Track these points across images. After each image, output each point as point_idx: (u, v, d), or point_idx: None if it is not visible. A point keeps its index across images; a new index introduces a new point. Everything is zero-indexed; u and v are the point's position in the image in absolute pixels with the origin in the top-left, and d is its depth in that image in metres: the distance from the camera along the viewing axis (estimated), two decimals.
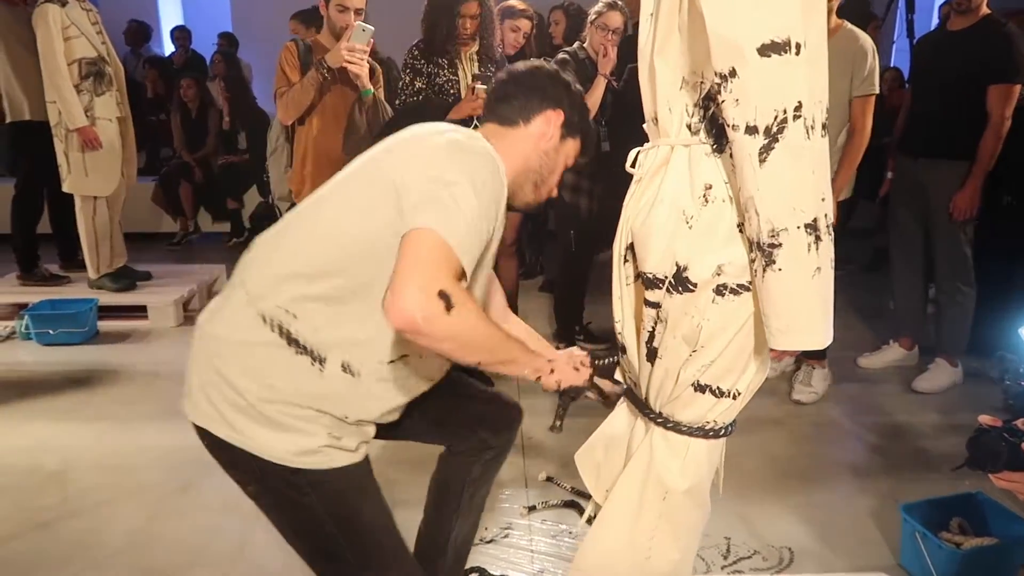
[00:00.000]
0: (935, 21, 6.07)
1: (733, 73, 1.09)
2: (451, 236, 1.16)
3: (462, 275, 1.18)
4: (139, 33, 7.21)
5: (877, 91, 2.98)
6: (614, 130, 3.54)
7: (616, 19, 3.33)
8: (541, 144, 1.45)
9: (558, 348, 3.70)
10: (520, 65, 1.52)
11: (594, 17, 3.36)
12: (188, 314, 4.34)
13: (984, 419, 1.75)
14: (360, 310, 1.25)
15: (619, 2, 3.42)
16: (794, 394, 3.19)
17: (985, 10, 3.10)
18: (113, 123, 4.00)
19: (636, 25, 3.98)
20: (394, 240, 1.19)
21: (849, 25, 2.99)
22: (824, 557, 2.22)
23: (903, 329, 3.57)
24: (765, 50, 1.07)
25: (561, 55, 3.43)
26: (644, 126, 1.38)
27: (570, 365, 1.42)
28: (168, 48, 7.58)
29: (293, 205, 3.16)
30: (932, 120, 3.14)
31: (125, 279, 4.26)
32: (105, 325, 4.07)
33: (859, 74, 2.93)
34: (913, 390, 3.32)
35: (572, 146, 1.50)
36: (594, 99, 3.32)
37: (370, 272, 1.23)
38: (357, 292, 1.25)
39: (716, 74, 1.12)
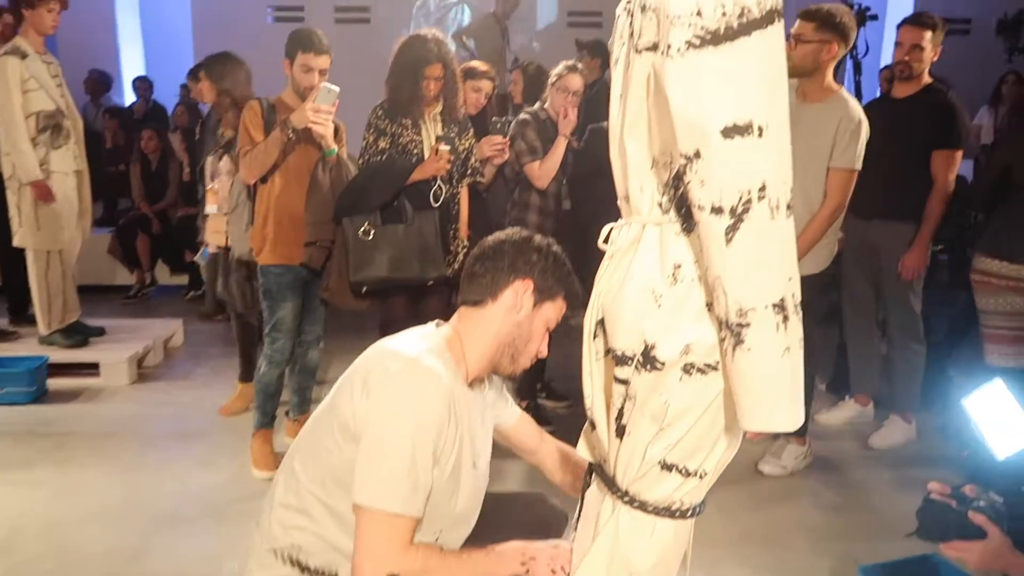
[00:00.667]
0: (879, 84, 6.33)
1: (698, 155, 1.11)
2: (394, 504, 1.34)
3: (416, 523, 1.37)
4: (99, 83, 7.17)
5: (857, 167, 2.89)
6: (575, 189, 3.61)
7: (576, 82, 3.41)
8: (511, 317, 1.49)
9: (520, 404, 3.67)
10: (488, 240, 1.56)
11: (555, 79, 3.44)
12: (142, 371, 4.24)
13: (933, 487, 1.77)
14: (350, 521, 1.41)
15: (578, 65, 3.51)
16: (761, 464, 3.15)
17: (927, 79, 3.25)
18: (70, 176, 3.95)
19: (591, 86, 4.11)
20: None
21: (844, 93, 2.94)
22: None
23: (858, 386, 3.63)
24: (728, 132, 1.09)
25: (523, 116, 3.50)
26: (617, 203, 1.41)
27: (548, 567, 1.45)
28: (129, 98, 7.54)
29: (252, 263, 3.14)
30: (882, 183, 3.25)
31: (77, 335, 4.16)
32: (55, 383, 3.95)
33: (840, 144, 2.86)
34: (869, 447, 3.37)
35: (552, 308, 1.53)
36: (555, 159, 3.38)
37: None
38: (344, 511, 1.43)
39: (682, 155, 1.14)
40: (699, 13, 1.09)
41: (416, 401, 1.38)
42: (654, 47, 1.17)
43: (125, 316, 5.12)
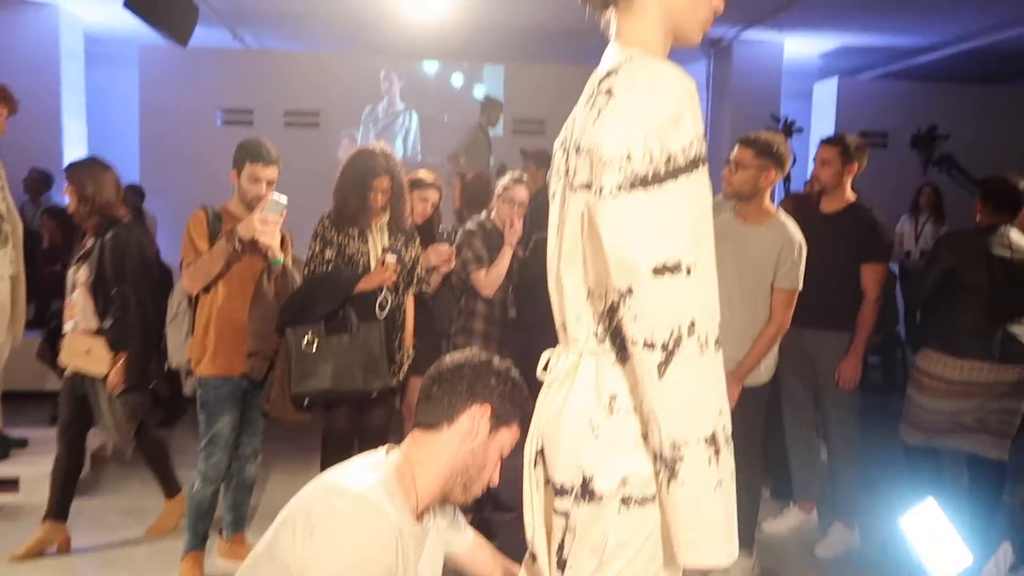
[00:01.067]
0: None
1: (630, 291, 1.16)
2: None
3: None
4: (40, 182, 7.06)
5: (799, 287, 3.00)
6: (520, 297, 3.65)
7: (521, 193, 3.51)
8: (467, 443, 1.46)
9: (467, 516, 3.59)
10: (447, 360, 1.54)
11: (501, 191, 3.54)
12: None
13: None
14: None
15: (524, 176, 3.62)
16: None
17: (851, 196, 3.44)
18: (4, 281, 3.84)
19: (536, 195, 4.23)
20: None
21: (782, 216, 3.07)
22: None
23: (801, 493, 3.66)
24: (659, 271, 1.15)
25: (470, 225, 3.57)
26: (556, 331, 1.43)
27: None
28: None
29: (190, 374, 3.06)
30: (816, 294, 3.37)
31: None
32: None
33: (783, 267, 2.96)
34: (815, 555, 3.37)
35: (508, 434, 1.51)
36: (500, 268, 3.44)
37: None
38: None
39: (615, 290, 1.19)
40: (629, 158, 1.16)
41: (362, 546, 1.32)
42: (588, 186, 1.23)
43: (52, 425, 4.86)
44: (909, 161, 7.42)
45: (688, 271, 1.15)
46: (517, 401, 1.50)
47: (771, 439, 3.74)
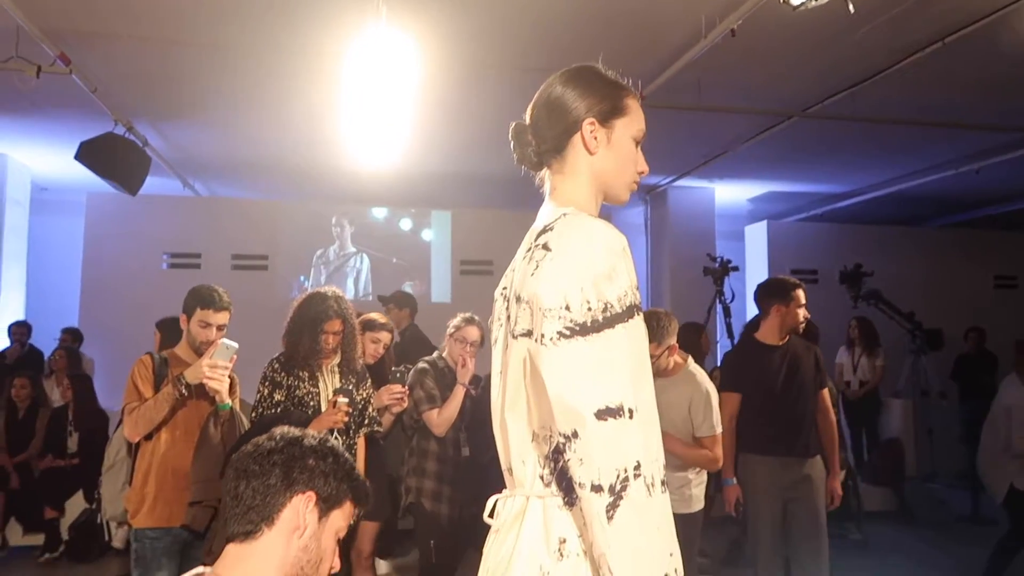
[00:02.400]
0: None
1: (575, 435, 1.19)
2: None
3: None
4: None
5: (719, 431, 3.16)
6: (473, 435, 3.61)
7: (474, 333, 3.55)
8: (295, 541, 1.28)
9: None
10: (247, 451, 1.33)
11: (453, 331, 3.58)
12: None
13: None
14: None
15: (475, 317, 3.68)
16: None
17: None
18: None
19: (402, 333, 4.32)
20: None
21: (691, 366, 3.22)
22: None
23: None
24: (602, 415, 1.18)
25: (421, 364, 3.57)
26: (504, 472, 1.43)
27: None
28: (3, 343, 7.21)
29: (127, 525, 2.89)
30: (800, 424, 3.47)
31: None
32: None
33: (697, 417, 3.13)
34: None
35: (340, 516, 1.35)
36: (453, 407, 3.42)
37: None
38: None
39: (560, 434, 1.21)
40: (568, 307, 1.22)
41: None
42: (528, 334, 1.28)
43: None
44: (839, 296, 7.80)
45: (630, 414, 1.19)
46: (342, 476, 1.33)
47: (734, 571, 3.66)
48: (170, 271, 8.09)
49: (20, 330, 6.93)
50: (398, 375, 3.43)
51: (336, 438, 2.96)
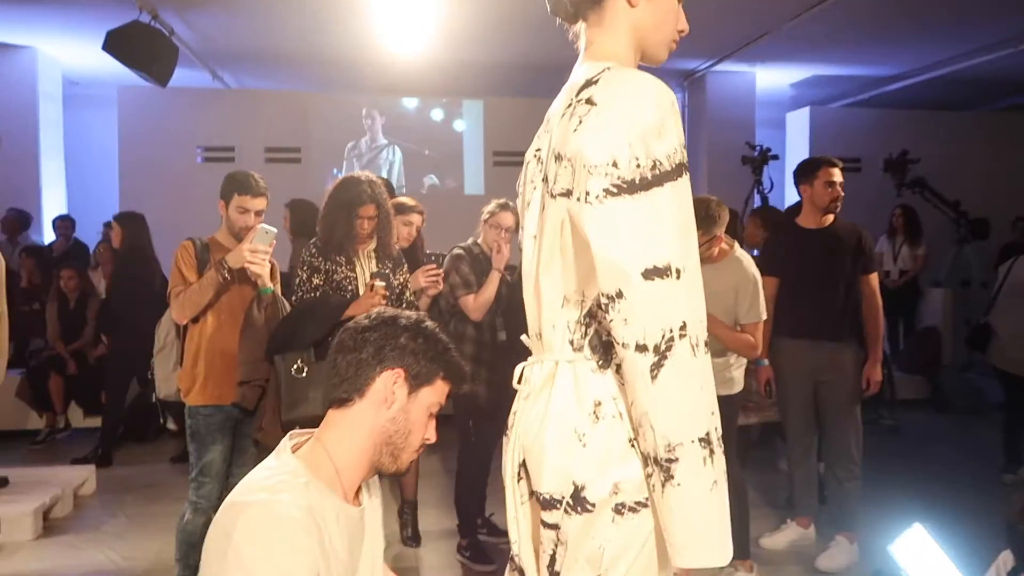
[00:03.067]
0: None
1: (620, 295, 1.17)
2: None
3: None
4: (17, 222, 7.02)
5: (764, 318, 3.11)
6: (509, 320, 3.66)
7: (508, 219, 3.54)
8: (384, 412, 1.35)
9: (460, 543, 3.52)
10: (349, 327, 1.41)
11: (487, 216, 3.57)
12: (49, 524, 3.92)
13: None
14: None
15: (510, 203, 3.65)
16: None
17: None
18: None
19: None
20: None
21: (737, 251, 3.15)
22: None
23: (799, 509, 3.66)
24: (649, 275, 1.15)
25: (456, 250, 3.59)
26: (526, 340, 1.43)
27: None
28: (49, 236, 7.39)
29: (181, 404, 3.02)
30: (827, 308, 3.46)
31: None
32: None
33: (743, 304, 3.06)
34: (816, 568, 3.36)
35: (431, 392, 1.39)
36: (489, 293, 3.45)
37: None
38: None
39: (603, 295, 1.19)
40: (615, 164, 1.17)
41: (274, 562, 1.21)
42: (569, 193, 1.24)
43: (32, 464, 4.77)
44: (883, 184, 7.58)
45: (677, 274, 1.16)
46: (433, 356, 1.38)
47: (765, 452, 3.74)
48: (205, 165, 8.13)
49: (64, 224, 7.07)
50: (432, 258, 3.46)
51: None
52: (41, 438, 5.57)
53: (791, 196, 6.48)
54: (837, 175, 3.48)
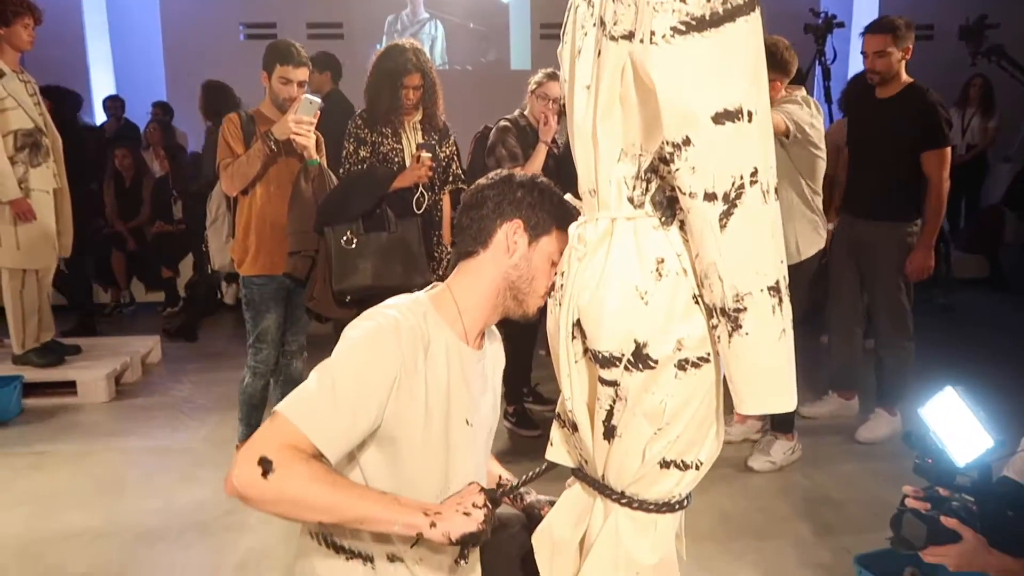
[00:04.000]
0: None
1: (688, 142, 1.11)
2: (299, 418, 1.25)
3: (313, 452, 1.25)
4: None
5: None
6: None
7: (556, 89, 3.42)
8: (505, 260, 1.43)
9: (506, 411, 3.62)
10: (471, 189, 1.51)
11: (534, 87, 3.46)
12: (120, 388, 4.17)
13: (907, 490, 1.81)
14: None
15: (558, 72, 3.53)
16: (750, 461, 3.19)
17: (906, 78, 3.30)
18: (49, 195, 3.90)
19: (324, 97, 4.05)
20: None
21: (799, 93, 3.08)
22: None
23: (841, 382, 3.67)
24: (719, 118, 1.09)
25: (503, 123, 3.51)
26: (569, 197, 1.40)
27: (459, 511, 1.33)
28: (100, 117, 7.46)
29: (234, 275, 3.11)
30: (873, 184, 3.32)
31: (52, 354, 4.08)
32: (31, 403, 3.88)
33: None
34: (856, 440, 3.40)
35: (551, 242, 1.44)
36: (535, 165, 3.39)
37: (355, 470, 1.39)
38: None
39: (668, 143, 1.13)
40: (683, 0, 1.09)
41: (367, 342, 1.31)
42: (630, 35, 1.16)
43: (101, 335, 5.03)
44: (956, 53, 7.09)
45: (749, 117, 1.10)
46: (549, 209, 1.45)
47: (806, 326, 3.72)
48: (247, 42, 8.01)
49: (114, 104, 7.12)
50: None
51: (422, 194, 3.02)
52: (108, 311, 5.84)
53: (856, 66, 6.13)
54: (869, 42, 3.25)
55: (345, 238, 2.87)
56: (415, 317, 1.37)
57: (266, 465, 1.20)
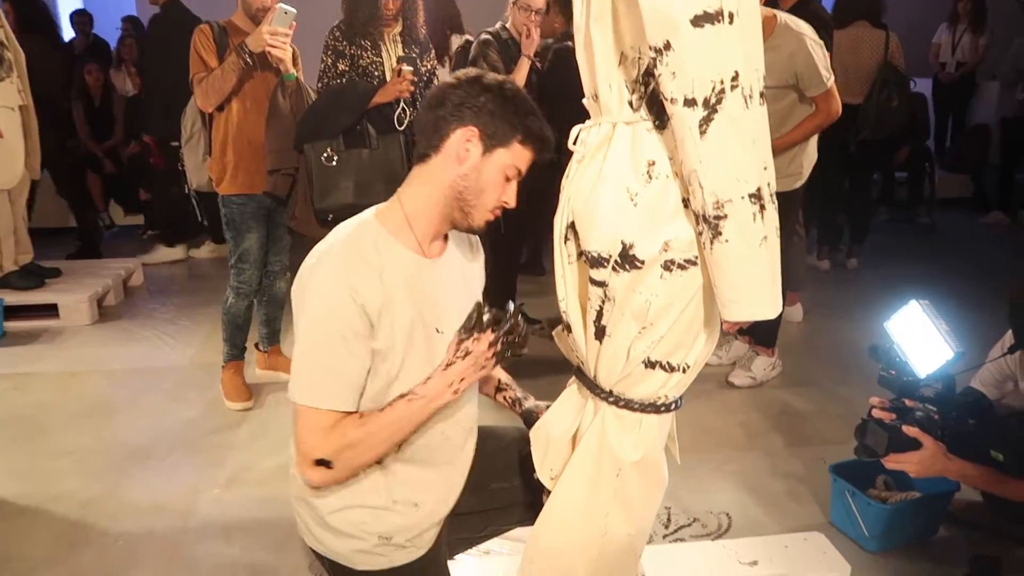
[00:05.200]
0: None
1: (668, 46, 1.09)
2: (314, 400, 1.32)
3: (341, 415, 1.33)
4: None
5: (832, 81, 2.85)
6: (540, 110, 3.54)
7: (538, 1, 3.32)
8: (454, 168, 1.36)
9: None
10: (435, 86, 1.43)
11: None
12: (103, 311, 4.14)
13: (874, 401, 1.87)
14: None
15: None
16: (731, 377, 3.25)
17: None
18: (15, 112, 3.76)
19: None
20: None
21: (784, 18, 2.86)
22: (760, 520, 2.30)
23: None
24: (698, 21, 1.07)
25: (484, 36, 3.41)
26: (584, 103, 1.37)
27: (475, 369, 1.38)
28: (67, 34, 7.18)
29: (213, 195, 3.04)
30: None
31: (33, 276, 4.04)
32: (13, 326, 3.85)
33: (804, 74, 2.83)
34: (839, 358, 3.48)
35: (507, 155, 1.36)
36: (519, 79, 3.30)
37: None
38: None
39: (651, 48, 1.12)
40: None
41: (324, 302, 1.30)
42: None
43: (81, 257, 4.97)
44: None
45: (730, 18, 1.08)
46: (512, 119, 1.35)
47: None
48: None
49: (82, 19, 6.83)
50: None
51: (404, 109, 2.95)
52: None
53: None
54: None
55: (325, 155, 2.80)
56: (364, 247, 1.33)
57: (324, 463, 1.32)
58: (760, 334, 3.24)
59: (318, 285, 1.31)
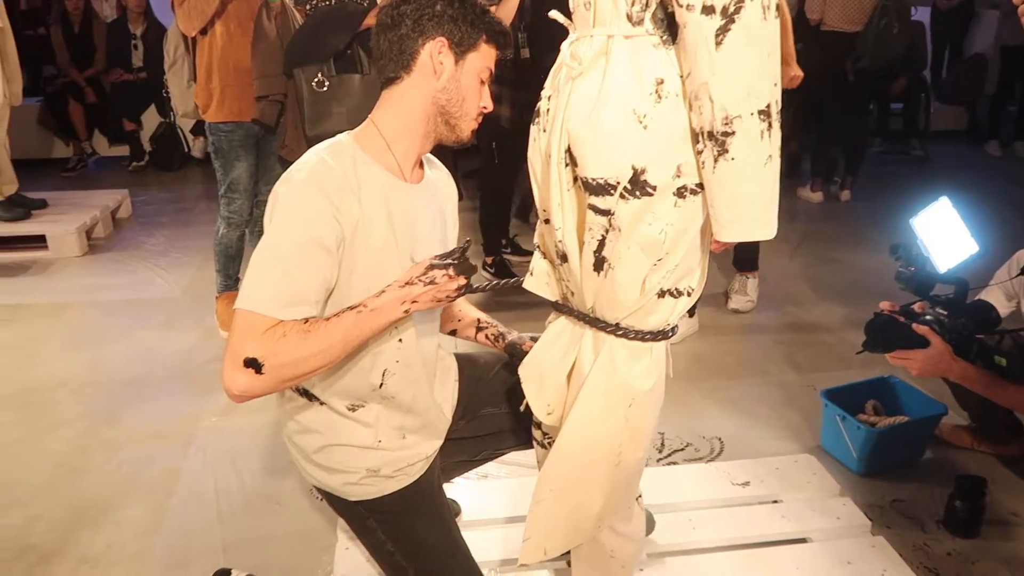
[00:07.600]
0: None
1: None
2: (256, 304, 1.22)
3: (278, 322, 1.22)
4: None
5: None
6: (535, 36, 3.46)
7: None
8: (432, 83, 1.33)
9: (485, 261, 3.65)
10: (384, 8, 1.36)
11: None
12: (92, 243, 4.10)
13: (883, 305, 1.88)
14: None
15: None
16: (731, 304, 3.30)
17: None
18: None
19: None
20: None
21: None
22: (752, 444, 2.35)
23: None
24: None
25: None
26: (572, 13, 1.29)
27: (431, 299, 1.32)
28: None
29: (200, 122, 2.98)
30: None
31: (19, 208, 3.98)
32: (0, 257, 3.81)
33: None
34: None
35: (478, 58, 1.35)
36: (511, 5, 3.20)
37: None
38: None
39: None
40: None
41: (294, 206, 1.25)
42: None
43: (66, 189, 4.88)
44: None
45: None
46: (472, 20, 1.33)
47: None
48: None
49: None
50: None
51: None
52: (71, 165, 5.65)
53: None
54: None
55: (316, 80, 2.73)
56: (342, 164, 1.28)
57: (254, 365, 1.19)
58: (745, 260, 3.29)
59: (289, 193, 1.25)
